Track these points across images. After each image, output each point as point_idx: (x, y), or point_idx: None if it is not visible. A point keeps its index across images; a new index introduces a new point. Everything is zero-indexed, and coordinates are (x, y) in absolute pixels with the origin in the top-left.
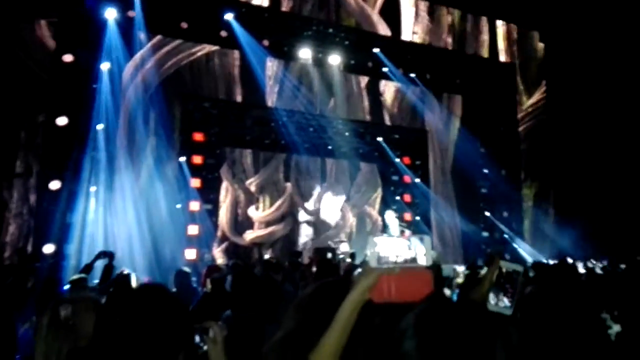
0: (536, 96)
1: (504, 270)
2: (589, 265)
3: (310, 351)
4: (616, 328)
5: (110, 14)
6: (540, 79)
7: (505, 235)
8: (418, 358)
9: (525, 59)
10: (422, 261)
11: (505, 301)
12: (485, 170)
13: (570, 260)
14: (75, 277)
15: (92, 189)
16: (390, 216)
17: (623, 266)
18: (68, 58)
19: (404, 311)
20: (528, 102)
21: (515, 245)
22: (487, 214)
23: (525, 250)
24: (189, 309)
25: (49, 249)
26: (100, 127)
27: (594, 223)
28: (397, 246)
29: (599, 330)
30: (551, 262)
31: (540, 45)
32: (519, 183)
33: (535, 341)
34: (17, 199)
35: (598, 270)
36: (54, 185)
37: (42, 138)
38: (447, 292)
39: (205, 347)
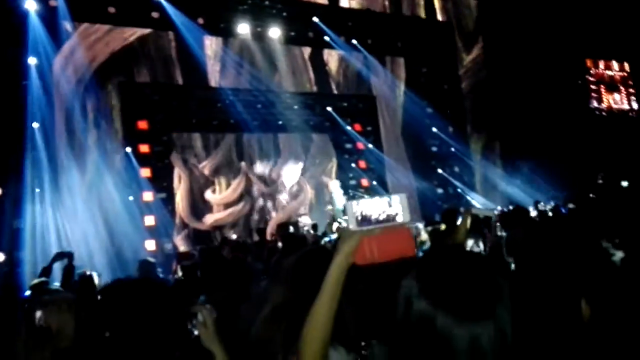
0: (474, 52)
1: (480, 216)
2: (540, 208)
3: (302, 321)
4: (619, 254)
5: (31, 5)
6: (476, 35)
7: (459, 190)
8: (433, 313)
9: (460, 16)
10: (400, 219)
11: (481, 245)
12: (434, 129)
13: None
14: (36, 281)
15: (37, 190)
16: (335, 186)
17: (571, 206)
18: None
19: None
20: (467, 59)
21: (468, 198)
22: (440, 170)
23: (479, 202)
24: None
25: None
26: (35, 125)
27: (539, 168)
28: (376, 206)
29: (604, 259)
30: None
31: (474, 1)
32: (466, 138)
33: (538, 276)
34: None
35: (549, 213)
36: None
37: None
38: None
39: (196, 332)
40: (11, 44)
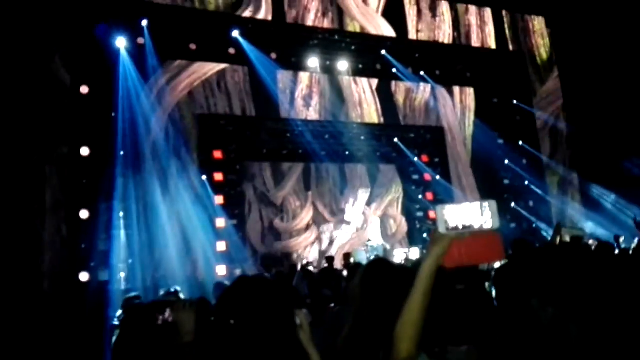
0: (549, 82)
1: (566, 237)
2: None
3: (388, 328)
4: None
5: (121, 43)
6: (551, 65)
7: (534, 225)
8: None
9: (533, 46)
10: (490, 225)
11: None
12: (506, 161)
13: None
14: (131, 295)
15: (120, 214)
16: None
17: None
18: (84, 90)
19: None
20: (542, 89)
21: (544, 235)
22: (513, 204)
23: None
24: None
25: (84, 277)
26: (122, 153)
27: (622, 204)
28: (465, 212)
29: None
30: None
31: (547, 30)
32: (541, 171)
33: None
34: (50, 231)
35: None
36: (84, 214)
37: (68, 170)
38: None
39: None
40: (103, 78)
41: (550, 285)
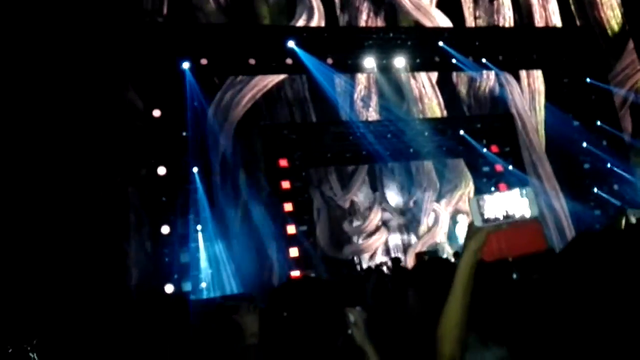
0: (625, 55)
1: (632, 219)
2: None
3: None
4: None
5: (186, 65)
6: (623, 36)
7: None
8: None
9: (602, 20)
10: (528, 213)
11: None
12: (584, 144)
13: None
14: None
15: (198, 227)
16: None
17: None
18: (157, 113)
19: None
20: (618, 63)
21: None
22: (596, 190)
23: None
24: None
25: (169, 288)
26: (195, 169)
27: None
28: (501, 202)
29: None
30: None
31: (617, 0)
32: (624, 151)
33: None
34: (135, 248)
35: None
36: (165, 230)
37: (147, 189)
38: None
39: (349, 331)
40: (172, 100)
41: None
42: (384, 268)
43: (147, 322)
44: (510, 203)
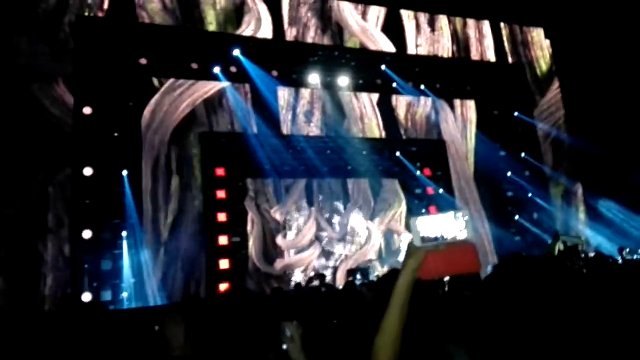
0: (550, 93)
1: (567, 244)
2: (625, 255)
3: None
4: None
5: (123, 64)
6: (550, 76)
7: (539, 237)
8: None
9: (532, 58)
10: (464, 235)
11: None
12: (509, 174)
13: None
14: None
15: (123, 233)
16: (408, 239)
17: None
18: (87, 110)
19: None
20: (542, 100)
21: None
22: (517, 217)
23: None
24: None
25: (86, 297)
26: (125, 172)
27: (626, 214)
28: (439, 223)
29: None
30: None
31: (546, 41)
32: (544, 182)
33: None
34: (52, 252)
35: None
36: (86, 234)
37: (71, 190)
38: None
39: (284, 346)
40: (106, 98)
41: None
42: (316, 282)
43: (60, 332)
44: (447, 225)
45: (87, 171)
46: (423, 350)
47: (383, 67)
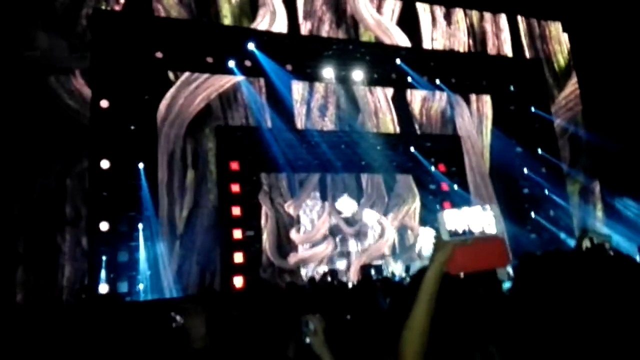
0: (568, 88)
1: (595, 240)
2: None
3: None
4: None
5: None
6: (568, 71)
7: (555, 235)
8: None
9: (550, 53)
10: (493, 230)
11: None
12: (525, 170)
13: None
14: None
15: (140, 226)
16: (427, 234)
17: None
18: (104, 104)
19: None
20: (560, 96)
21: (568, 243)
22: (533, 214)
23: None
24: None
25: (103, 288)
26: (141, 165)
27: None
28: (467, 217)
29: None
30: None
31: (564, 35)
32: (561, 179)
33: None
34: (70, 244)
35: None
36: (103, 226)
37: (88, 183)
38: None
39: (307, 339)
40: (122, 91)
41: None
42: (329, 278)
43: (77, 323)
44: (475, 219)
45: (104, 164)
46: (456, 349)
47: (398, 61)
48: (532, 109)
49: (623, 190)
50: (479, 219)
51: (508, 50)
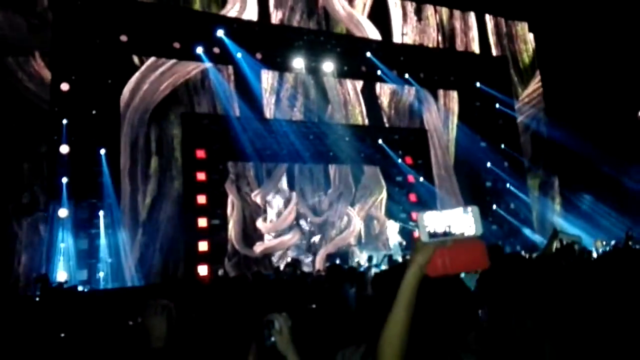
0: (532, 86)
1: (564, 241)
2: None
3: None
4: None
5: (103, 40)
6: (533, 69)
7: (514, 227)
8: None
9: (516, 51)
10: (472, 231)
11: None
12: (488, 164)
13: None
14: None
15: (101, 213)
16: (391, 224)
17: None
18: (65, 87)
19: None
20: (524, 93)
21: (527, 235)
22: (495, 207)
23: (536, 240)
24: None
25: (62, 276)
26: (102, 151)
27: (600, 207)
28: (447, 218)
29: None
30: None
31: (530, 35)
32: (522, 173)
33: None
34: (27, 230)
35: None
36: (62, 213)
37: (46, 168)
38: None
39: (272, 339)
40: (84, 75)
41: (530, 297)
42: (288, 269)
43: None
44: (456, 220)
45: (64, 149)
46: (432, 354)
47: (368, 54)
48: (497, 106)
49: (580, 185)
50: (460, 221)
51: (476, 48)
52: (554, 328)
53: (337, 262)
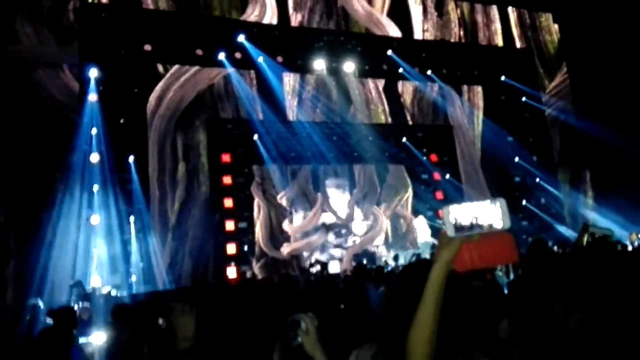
0: (558, 78)
1: (595, 235)
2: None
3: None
4: None
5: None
6: (559, 60)
7: (545, 222)
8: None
9: (541, 43)
10: (500, 224)
11: None
12: (516, 159)
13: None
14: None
15: (131, 219)
16: (421, 223)
17: None
18: (93, 97)
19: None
20: (551, 85)
21: (559, 230)
22: (524, 202)
23: (569, 235)
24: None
25: (95, 281)
26: (131, 159)
27: (634, 200)
28: (473, 211)
29: None
30: None
31: (555, 26)
32: (552, 168)
33: None
34: (60, 237)
35: None
36: (94, 220)
37: (78, 177)
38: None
39: (299, 340)
40: (111, 85)
41: (577, 289)
42: (317, 268)
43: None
44: (482, 213)
45: (94, 157)
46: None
47: (389, 52)
48: (523, 99)
49: (613, 177)
50: (487, 213)
51: (499, 41)
52: (609, 318)
53: (364, 262)
